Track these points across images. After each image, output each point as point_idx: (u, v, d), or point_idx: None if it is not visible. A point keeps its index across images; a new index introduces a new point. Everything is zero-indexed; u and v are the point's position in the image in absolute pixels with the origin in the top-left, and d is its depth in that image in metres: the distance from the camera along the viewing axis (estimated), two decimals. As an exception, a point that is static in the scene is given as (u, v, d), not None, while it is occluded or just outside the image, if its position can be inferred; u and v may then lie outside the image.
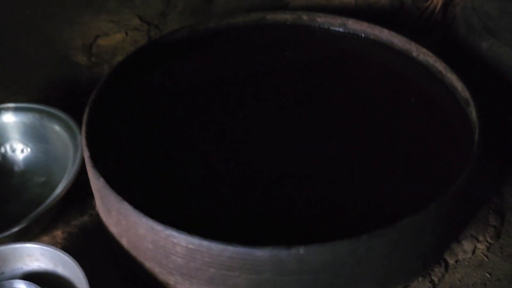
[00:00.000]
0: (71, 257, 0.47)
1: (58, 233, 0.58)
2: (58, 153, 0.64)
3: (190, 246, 0.41)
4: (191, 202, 0.51)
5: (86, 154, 0.51)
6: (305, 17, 0.77)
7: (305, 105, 0.66)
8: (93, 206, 0.60)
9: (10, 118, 0.66)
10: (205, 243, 0.40)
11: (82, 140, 0.54)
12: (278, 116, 0.64)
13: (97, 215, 0.57)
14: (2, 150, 0.66)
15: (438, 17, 0.89)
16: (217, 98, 0.67)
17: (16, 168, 0.66)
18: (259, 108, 0.65)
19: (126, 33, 0.79)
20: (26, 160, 0.66)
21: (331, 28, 0.76)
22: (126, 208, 0.45)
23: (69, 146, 0.61)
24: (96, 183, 0.49)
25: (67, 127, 0.63)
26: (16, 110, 0.66)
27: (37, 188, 0.64)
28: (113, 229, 0.50)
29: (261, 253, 0.39)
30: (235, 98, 0.67)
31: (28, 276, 0.50)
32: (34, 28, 0.73)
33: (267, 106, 0.66)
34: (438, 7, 0.88)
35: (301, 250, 0.39)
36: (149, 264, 0.47)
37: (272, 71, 0.71)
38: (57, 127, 0.64)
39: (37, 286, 0.48)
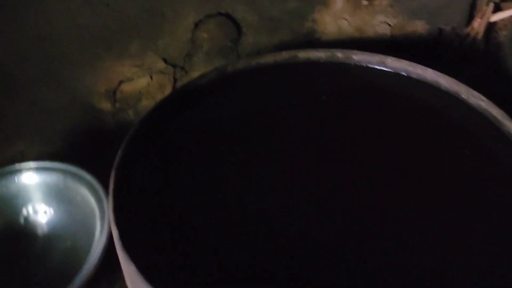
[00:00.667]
0: None
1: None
2: (83, 216, 0.60)
3: None
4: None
5: (115, 233, 0.46)
6: (339, 55, 0.72)
7: (345, 154, 0.60)
8: (123, 277, 0.55)
9: (32, 178, 0.62)
10: None
11: (109, 214, 0.49)
12: (317, 166, 0.59)
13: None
14: (24, 212, 0.63)
15: (481, 45, 0.83)
16: (250, 147, 0.62)
17: (39, 232, 0.63)
18: (295, 157, 0.60)
19: (151, 77, 0.75)
20: (50, 223, 0.63)
21: (369, 65, 0.70)
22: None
23: (95, 209, 0.58)
24: (126, 267, 0.45)
25: (92, 189, 0.59)
26: (38, 169, 0.62)
27: (61, 254, 0.60)
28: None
29: None
30: (269, 147, 0.62)
31: None
32: (54, 76, 0.69)
33: (304, 154, 0.61)
34: (480, 33, 0.82)
35: None
36: None
37: (307, 114, 0.66)
38: (82, 189, 0.60)
39: None
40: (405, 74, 0.68)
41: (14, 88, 0.68)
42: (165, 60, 0.74)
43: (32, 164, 0.63)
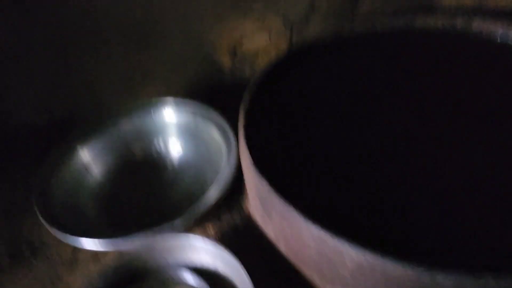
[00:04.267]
0: (234, 255, 0.49)
1: (209, 228, 0.61)
2: (210, 152, 0.67)
3: (362, 262, 0.41)
4: (360, 207, 0.49)
5: (249, 161, 0.52)
6: (459, 23, 0.72)
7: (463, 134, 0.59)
8: (240, 204, 0.62)
9: (168, 114, 0.71)
10: (379, 261, 0.39)
11: (241, 145, 0.55)
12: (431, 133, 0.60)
13: (246, 214, 0.59)
14: (158, 144, 0.72)
15: None
16: (361, 106, 0.65)
17: (169, 163, 0.71)
18: (405, 121, 0.62)
19: (269, 37, 0.80)
20: (180, 157, 0.71)
21: (491, 37, 0.69)
22: (292, 215, 0.45)
23: (221, 146, 0.64)
24: (260, 187, 0.50)
25: (221, 128, 0.65)
26: (175, 105, 0.71)
27: (187, 187, 0.67)
28: (270, 232, 0.52)
29: (443, 280, 0.37)
30: (380, 113, 0.64)
31: (191, 268, 0.52)
32: (184, 30, 0.77)
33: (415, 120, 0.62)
34: None
35: (491, 281, 0.36)
36: (309, 273, 0.47)
37: (422, 84, 0.67)
38: (211, 127, 0.67)
39: (202, 279, 0.50)
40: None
41: (151, 39, 0.77)
42: (283, 21, 0.79)
43: (168, 99, 0.72)
